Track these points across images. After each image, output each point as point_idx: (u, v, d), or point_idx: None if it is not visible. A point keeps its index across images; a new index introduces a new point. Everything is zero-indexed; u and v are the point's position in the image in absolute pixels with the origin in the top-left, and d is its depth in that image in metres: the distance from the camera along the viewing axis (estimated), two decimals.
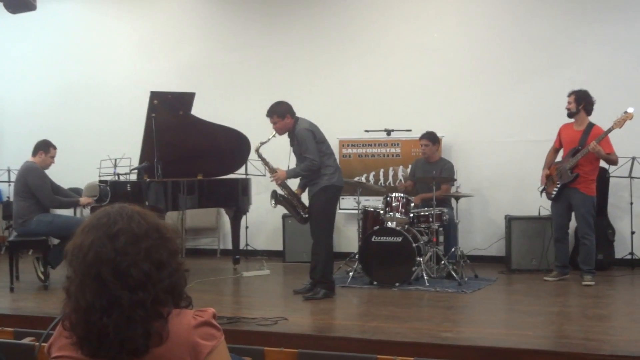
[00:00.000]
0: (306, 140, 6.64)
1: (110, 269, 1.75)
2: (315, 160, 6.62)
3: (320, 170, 6.68)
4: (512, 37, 8.85)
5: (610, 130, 7.03)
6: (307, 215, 7.00)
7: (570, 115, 7.35)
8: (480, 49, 8.98)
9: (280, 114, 6.71)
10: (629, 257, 8.18)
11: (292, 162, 6.95)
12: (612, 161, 7.31)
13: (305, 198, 7.07)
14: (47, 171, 7.58)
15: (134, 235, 1.79)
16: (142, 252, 1.78)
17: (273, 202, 7.03)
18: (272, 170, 6.97)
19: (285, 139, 6.90)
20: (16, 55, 11.11)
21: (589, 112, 7.31)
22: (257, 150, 6.97)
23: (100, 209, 1.89)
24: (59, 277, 6.92)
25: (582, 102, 7.28)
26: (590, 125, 7.27)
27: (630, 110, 7.03)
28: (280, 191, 7.06)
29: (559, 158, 7.60)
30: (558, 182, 7.37)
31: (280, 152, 7.19)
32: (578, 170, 7.22)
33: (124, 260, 1.75)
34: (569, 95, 7.36)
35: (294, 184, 7.15)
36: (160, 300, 1.78)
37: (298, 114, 6.82)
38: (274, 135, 6.86)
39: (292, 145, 6.86)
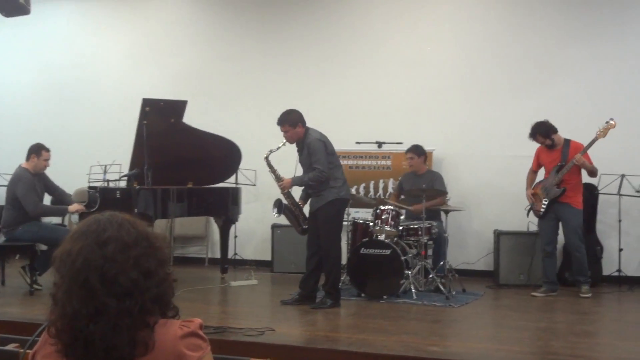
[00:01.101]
0: (317, 150, 6.64)
1: (98, 276, 1.73)
2: (325, 172, 6.63)
3: (329, 182, 6.69)
4: (505, 53, 8.90)
5: (594, 140, 7.21)
6: (306, 227, 6.98)
7: (551, 147, 7.52)
8: (473, 63, 9.02)
9: (292, 122, 6.70)
10: (616, 274, 8.20)
11: (299, 172, 6.95)
12: (595, 172, 7.47)
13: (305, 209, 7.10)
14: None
15: (123, 243, 1.79)
16: (131, 260, 1.77)
17: (276, 210, 6.99)
18: (279, 179, 6.95)
19: (292, 148, 6.89)
20: (7, 59, 11.07)
21: (557, 131, 7.50)
22: (266, 158, 6.93)
23: (90, 216, 1.88)
24: (51, 283, 6.88)
25: (549, 133, 7.47)
26: (567, 141, 7.48)
27: (611, 121, 7.15)
28: (284, 200, 7.03)
29: (539, 178, 7.73)
30: (545, 199, 7.46)
31: (289, 160, 7.19)
32: (564, 185, 7.37)
33: (112, 267, 1.74)
34: (534, 138, 7.53)
35: (296, 194, 7.15)
36: (147, 310, 1.77)
37: None
38: (283, 144, 6.86)
39: (300, 155, 6.85)
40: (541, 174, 7.75)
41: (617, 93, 8.46)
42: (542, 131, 7.45)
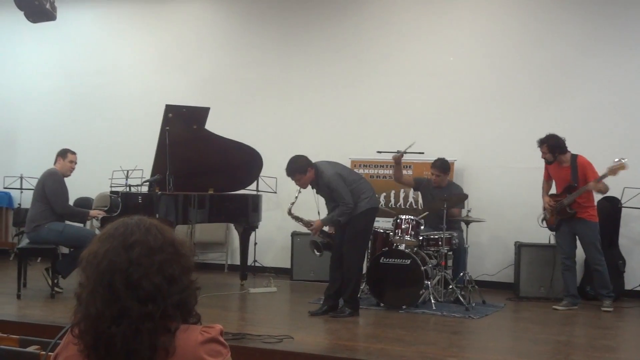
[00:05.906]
0: (338, 187, 6.59)
1: (123, 278, 1.75)
2: (350, 204, 6.58)
3: (359, 196, 6.66)
4: (527, 63, 8.85)
5: (604, 176, 7.12)
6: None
7: (549, 163, 7.49)
8: (496, 74, 8.98)
9: (302, 170, 6.63)
10: (639, 288, 8.11)
11: (321, 201, 6.94)
12: (605, 192, 7.45)
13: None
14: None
15: (149, 247, 1.80)
16: (156, 265, 1.78)
17: (317, 252, 7.08)
18: (308, 224, 6.96)
19: None
20: (32, 65, 11.18)
21: (565, 152, 7.40)
22: (289, 212, 6.96)
23: (119, 219, 1.90)
24: (72, 286, 6.93)
25: (555, 150, 7.39)
26: (574, 158, 7.38)
27: (624, 160, 7.01)
28: (317, 239, 7.02)
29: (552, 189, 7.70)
30: (558, 216, 7.43)
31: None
32: (575, 206, 7.33)
33: (137, 271, 1.76)
34: (540, 146, 7.46)
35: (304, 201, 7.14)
36: (169, 315, 1.78)
37: (311, 134, 6.78)
38: (299, 192, 6.83)
39: (317, 189, 6.81)
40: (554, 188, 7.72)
41: None
42: (551, 144, 7.37)
